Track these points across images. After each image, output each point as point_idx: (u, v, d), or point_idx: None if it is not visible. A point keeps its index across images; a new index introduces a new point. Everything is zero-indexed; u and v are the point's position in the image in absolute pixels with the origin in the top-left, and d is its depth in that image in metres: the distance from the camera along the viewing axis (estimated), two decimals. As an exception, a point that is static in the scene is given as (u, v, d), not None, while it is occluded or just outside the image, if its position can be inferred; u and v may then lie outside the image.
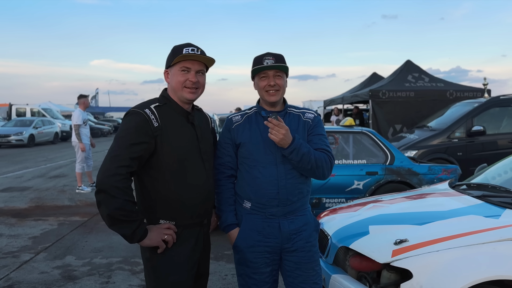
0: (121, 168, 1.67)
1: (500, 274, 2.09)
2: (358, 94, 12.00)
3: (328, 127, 6.16)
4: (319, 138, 2.09)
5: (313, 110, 2.19)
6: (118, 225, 1.68)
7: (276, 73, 2.05)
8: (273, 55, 2.07)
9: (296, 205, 2.05)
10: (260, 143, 2.06)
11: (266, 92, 2.06)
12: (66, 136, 21.06)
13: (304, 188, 2.08)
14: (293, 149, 1.94)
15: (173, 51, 1.90)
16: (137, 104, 1.88)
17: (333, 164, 2.07)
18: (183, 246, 1.85)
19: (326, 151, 2.05)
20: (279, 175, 2.03)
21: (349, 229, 2.66)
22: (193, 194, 1.86)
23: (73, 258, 4.36)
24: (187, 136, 1.87)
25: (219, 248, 4.69)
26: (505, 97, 7.59)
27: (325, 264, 2.63)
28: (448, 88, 10.81)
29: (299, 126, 2.10)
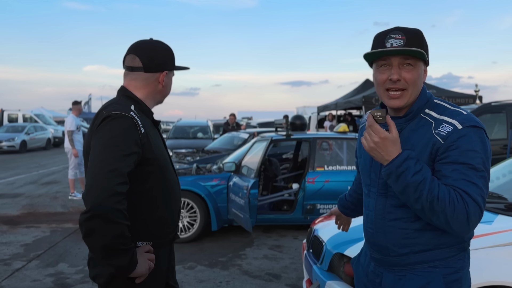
0: (121, 186, 1.34)
1: (494, 280, 2.11)
2: (351, 100, 12.08)
3: (321, 134, 6.19)
4: (454, 169, 1.28)
5: (467, 118, 1.33)
6: (116, 256, 1.35)
7: (404, 60, 1.33)
8: (403, 31, 1.35)
9: (409, 259, 1.41)
10: (368, 159, 1.50)
11: (386, 91, 1.37)
12: (59, 142, 20.91)
13: (422, 239, 1.39)
14: (390, 171, 1.29)
15: (173, 55, 1.69)
16: (110, 105, 1.55)
17: (471, 213, 1.25)
18: (159, 269, 1.58)
19: (463, 191, 1.26)
20: (377, 210, 1.46)
21: (343, 235, 2.66)
22: (175, 205, 1.65)
23: (66, 266, 4.32)
24: (160, 141, 1.63)
25: (213, 255, 4.67)
26: (496, 104, 7.67)
27: (320, 270, 2.63)
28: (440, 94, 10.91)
29: (420, 142, 1.35)
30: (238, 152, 6.31)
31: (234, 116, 11.86)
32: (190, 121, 15.23)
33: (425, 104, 1.41)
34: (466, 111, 1.36)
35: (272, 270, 4.21)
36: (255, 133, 8.70)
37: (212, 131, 13.00)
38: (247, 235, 5.41)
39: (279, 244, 5.05)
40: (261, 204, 5.49)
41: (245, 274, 4.10)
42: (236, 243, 5.12)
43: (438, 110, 1.39)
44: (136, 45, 1.64)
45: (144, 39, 1.67)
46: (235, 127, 11.47)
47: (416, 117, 1.40)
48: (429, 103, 1.41)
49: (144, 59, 1.61)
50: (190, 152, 8.62)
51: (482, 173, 1.29)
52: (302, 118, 6.86)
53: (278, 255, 4.67)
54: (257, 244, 5.09)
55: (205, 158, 7.61)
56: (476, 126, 1.31)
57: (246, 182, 4.88)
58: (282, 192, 5.71)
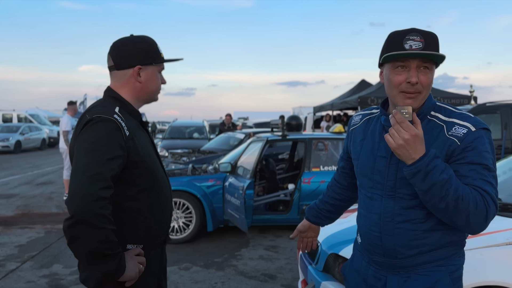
0: (104, 191, 1.32)
1: (488, 280, 2.12)
2: (347, 101, 12.10)
3: (317, 134, 6.20)
4: (471, 169, 1.31)
5: (476, 120, 1.38)
6: (102, 261, 1.34)
7: (422, 63, 1.34)
8: (421, 34, 1.34)
9: (416, 260, 1.41)
10: (369, 161, 1.48)
11: (402, 93, 1.36)
12: (54, 142, 20.82)
13: (431, 239, 1.39)
14: (418, 169, 1.26)
15: (150, 46, 1.59)
16: (94, 107, 1.53)
17: (490, 212, 1.28)
18: (150, 272, 1.57)
19: (483, 190, 1.28)
20: (384, 213, 1.43)
21: (338, 235, 2.67)
22: (166, 208, 1.62)
23: (61, 267, 4.30)
24: (147, 143, 1.60)
25: (208, 256, 4.67)
26: (491, 104, 7.71)
27: (315, 271, 2.64)
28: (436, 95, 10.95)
29: (434, 143, 1.36)
30: (234, 153, 6.31)
31: (230, 116, 11.86)
32: (186, 121, 15.20)
33: (432, 106, 1.43)
34: (471, 114, 1.41)
35: (267, 270, 4.21)
36: (251, 134, 8.70)
37: (208, 131, 12.98)
38: (242, 236, 5.41)
39: (275, 245, 5.05)
40: (256, 204, 5.49)
41: (240, 275, 4.09)
42: (231, 243, 5.12)
43: (444, 112, 1.41)
44: (112, 44, 1.62)
45: (124, 36, 1.63)
46: (231, 128, 11.47)
47: (425, 119, 1.41)
48: (434, 105, 1.44)
49: (114, 57, 1.58)
50: (186, 153, 8.61)
51: (494, 173, 1.34)
52: (298, 118, 6.85)
53: (273, 255, 4.67)
54: (252, 244, 5.09)
55: (201, 158, 7.60)
56: (486, 128, 1.37)
57: (242, 182, 4.88)
58: (278, 192, 5.71)
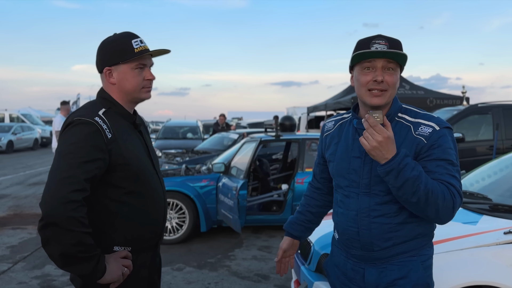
0: (75, 193, 1.33)
1: (478, 279, 2.14)
2: (340, 101, 12.14)
3: (310, 134, 6.21)
4: (438, 165, 1.43)
5: (439, 120, 1.50)
6: (75, 264, 1.34)
7: (387, 64, 1.45)
8: (386, 39, 1.47)
9: (391, 252, 1.52)
10: (344, 162, 1.57)
11: (369, 91, 1.47)
12: (46, 142, 20.67)
13: (403, 231, 1.51)
14: (391, 168, 1.36)
15: (119, 44, 1.55)
16: (78, 110, 1.54)
17: (457, 203, 1.41)
18: (138, 275, 1.55)
19: (449, 183, 1.41)
20: (360, 209, 1.53)
21: (330, 236, 2.68)
22: (156, 210, 1.61)
23: (53, 268, 4.27)
24: (138, 145, 1.58)
25: (202, 256, 4.66)
26: (483, 105, 7.78)
27: (307, 271, 2.65)
28: (428, 95, 11.03)
29: (403, 143, 1.47)
30: (227, 153, 6.31)
31: (224, 116, 11.86)
32: (179, 121, 15.17)
33: (398, 109, 1.55)
34: (435, 114, 1.55)
35: (261, 270, 4.22)
36: (244, 134, 8.70)
37: (202, 131, 12.96)
38: (236, 236, 5.41)
39: (268, 245, 5.06)
40: (250, 205, 5.49)
41: (234, 275, 4.10)
42: (225, 244, 5.12)
43: (410, 114, 1.54)
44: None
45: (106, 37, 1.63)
46: (225, 128, 11.46)
47: (393, 121, 1.52)
48: (400, 108, 1.56)
49: (96, 60, 1.61)
50: (180, 153, 8.59)
51: (457, 167, 1.47)
52: (292, 119, 6.87)
53: (267, 255, 4.68)
54: (246, 245, 5.09)
55: (195, 158, 7.59)
56: (449, 127, 1.49)
57: (235, 183, 4.88)
58: (271, 192, 5.72)
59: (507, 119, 7.32)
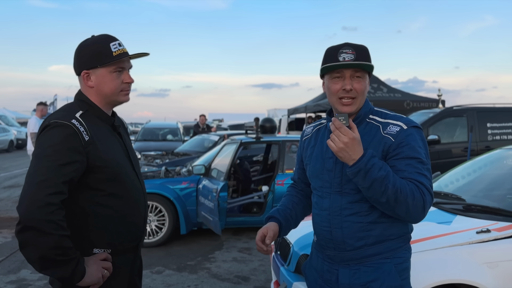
0: (52, 196, 1.32)
1: (451, 278, 2.21)
2: (320, 104, 12.26)
3: (290, 136, 6.26)
4: (407, 164, 1.44)
5: (408, 120, 1.54)
6: (54, 267, 1.34)
7: (355, 73, 1.50)
8: (353, 47, 1.51)
9: (364, 252, 1.52)
10: (318, 163, 1.61)
11: (339, 99, 1.52)
12: (22, 144, 20.16)
13: (376, 231, 1.51)
14: (359, 169, 1.39)
15: (97, 47, 1.54)
16: (55, 112, 1.53)
17: (427, 202, 1.42)
18: (119, 277, 1.55)
19: (419, 182, 1.42)
20: (332, 208, 1.56)
21: (310, 236, 2.70)
22: (136, 213, 1.60)
23: (29, 272, 4.18)
24: (116, 147, 1.58)
25: (181, 258, 4.64)
26: (458, 108, 7.98)
27: (287, 272, 2.66)
28: (405, 98, 11.25)
29: (371, 142, 1.51)
30: (208, 155, 6.29)
31: (204, 116, 11.78)
32: (159, 123, 15.04)
33: (369, 111, 1.60)
34: (403, 115, 1.60)
35: (241, 272, 4.22)
36: (225, 136, 8.69)
37: (182, 133, 12.88)
38: (216, 238, 5.40)
39: (249, 247, 5.07)
40: (230, 206, 5.49)
41: (213, 277, 4.09)
42: (205, 246, 5.10)
43: (380, 115, 1.59)
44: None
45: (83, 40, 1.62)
46: (206, 129, 11.42)
47: (363, 122, 1.58)
48: (371, 110, 1.61)
49: (73, 63, 1.60)
50: (159, 155, 8.51)
51: (428, 165, 1.48)
52: (272, 121, 6.90)
53: (247, 257, 4.68)
54: (226, 247, 5.08)
55: (175, 160, 7.54)
56: (417, 126, 1.52)
57: (216, 184, 4.87)
58: (252, 194, 5.73)
59: (481, 122, 7.53)
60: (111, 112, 1.65)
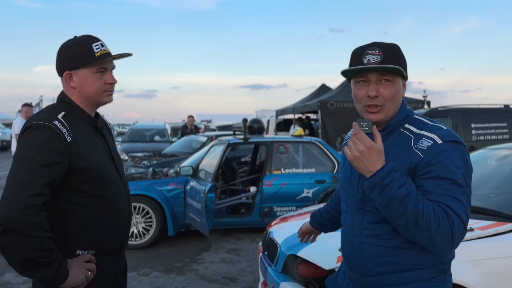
0: (34, 198, 1.31)
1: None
2: (308, 105, 12.31)
3: (278, 137, 6.27)
4: (437, 184, 1.24)
5: (446, 133, 1.31)
6: (36, 269, 1.32)
7: (381, 76, 1.33)
8: (380, 47, 1.33)
9: (386, 280, 1.34)
10: (347, 174, 1.46)
11: (365, 107, 1.35)
12: (7, 146, 19.84)
13: (400, 257, 1.32)
14: (374, 183, 1.22)
15: (79, 48, 1.53)
16: (37, 114, 1.51)
17: (456, 231, 1.20)
18: (103, 279, 1.54)
19: (448, 207, 1.21)
20: (353, 226, 1.40)
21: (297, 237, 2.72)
22: (120, 214, 1.59)
23: (13, 276, 4.12)
24: (99, 148, 1.57)
25: (169, 260, 4.61)
26: (443, 108, 8.09)
27: (274, 272, 2.67)
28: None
29: (399, 156, 1.32)
30: (195, 156, 6.27)
31: (192, 117, 11.71)
32: (146, 124, 14.95)
33: (405, 119, 1.39)
34: (446, 126, 1.35)
35: (229, 273, 4.22)
36: (213, 137, 8.68)
37: (170, 134, 12.81)
38: (204, 240, 5.39)
39: (237, 248, 5.06)
40: (218, 208, 5.48)
41: (201, 279, 4.08)
42: (193, 247, 5.08)
43: (417, 125, 1.37)
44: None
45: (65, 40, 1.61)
46: (194, 130, 11.37)
47: (395, 131, 1.39)
48: (409, 118, 1.40)
49: (56, 64, 1.60)
50: (147, 156, 8.47)
51: (464, 188, 1.25)
52: (260, 122, 6.91)
53: (235, 258, 4.68)
54: (214, 248, 5.07)
55: (162, 162, 7.50)
56: (455, 141, 1.29)
57: (203, 186, 4.86)
58: (239, 195, 5.73)
59: (466, 122, 7.65)
60: (94, 113, 1.64)
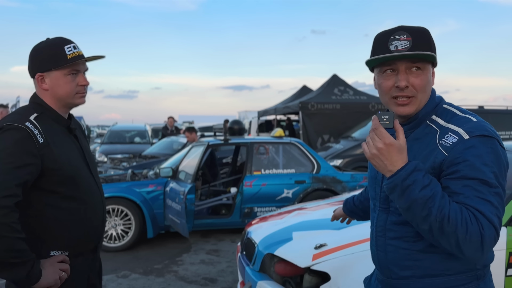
0: (6, 199, 1.32)
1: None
2: (289, 106, 12.39)
3: (258, 138, 6.31)
4: (464, 185, 1.11)
5: (475, 126, 1.16)
6: (8, 270, 1.33)
7: (412, 64, 1.20)
8: (409, 31, 1.20)
9: (412, 284, 1.25)
10: (374, 171, 1.37)
11: (393, 99, 1.23)
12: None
13: (426, 262, 1.23)
14: (395, 184, 1.12)
15: (51, 50, 1.54)
16: (9, 115, 1.53)
17: (486, 237, 1.08)
18: (77, 279, 1.56)
19: (477, 210, 1.09)
20: (377, 227, 1.33)
21: (274, 236, 2.76)
22: (93, 214, 1.61)
23: None
24: (72, 149, 1.58)
25: (148, 262, 4.59)
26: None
27: (251, 271, 2.70)
28: (371, 101, 11.53)
29: (422, 153, 1.21)
30: (175, 157, 6.25)
31: (172, 118, 11.65)
32: (126, 125, 14.80)
33: (433, 110, 1.27)
34: (477, 118, 1.21)
35: (208, 274, 4.22)
36: (194, 138, 8.66)
37: (150, 135, 12.72)
38: (184, 241, 5.37)
39: (217, 249, 5.07)
40: (199, 209, 5.48)
41: (181, 280, 4.07)
42: (173, 249, 5.07)
43: (445, 116, 1.24)
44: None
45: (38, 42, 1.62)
46: (174, 132, 11.32)
47: (422, 125, 1.26)
48: (437, 108, 1.27)
49: (28, 65, 1.61)
50: (126, 158, 8.40)
51: (497, 189, 1.12)
52: (240, 123, 6.95)
53: (215, 259, 4.69)
54: (194, 249, 5.07)
55: (142, 163, 7.45)
56: (485, 135, 1.15)
57: (183, 187, 4.86)
58: (220, 196, 5.74)
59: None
60: (67, 115, 1.65)
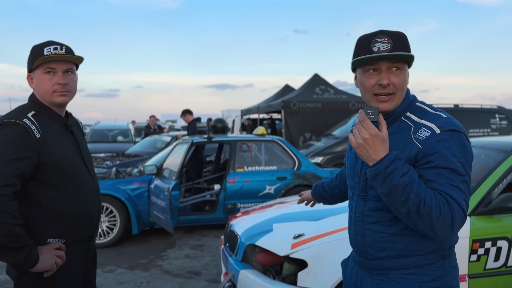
0: (5, 188, 1.46)
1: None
2: (272, 105, 12.56)
3: (241, 136, 6.46)
4: (437, 173, 1.25)
5: (445, 121, 1.31)
6: (7, 254, 1.48)
7: (392, 64, 1.33)
8: (389, 35, 1.33)
9: (386, 264, 1.39)
10: (352, 162, 1.49)
11: (375, 96, 1.35)
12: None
13: (399, 243, 1.36)
14: (378, 171, 1.23)
15: (32, 52, 1.68)
16: (9, 112, 1.65)
17: (456, 219, 1.22)
18: (72, 266, 1.67)
19: (449, 195, 1.22)
20: (356, 213, 1.46)
21: (256, 228, 2.91)
22: (88, 205, 1.73)
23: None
24: (68, 145, 1.71)
25: (133, 257, 4.69)
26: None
27: (234, 261, 2.84)
28: (351, 100, 11.80)
29: (398, 146, 1.34)
30: (159, 155, 6.34)
31: (154, 117, 11.68)
32: (109, 124, 14.74)
33: (407, 107, 1.40)
34: (446, 114, 1.35)
35: (193, 268, 4.35)
36: (178, 136, 8.74)
37: (133, 134, 12.72)
38: (169, 237, 5.48)
39: (201, 244, 5.20)
40: (183, 205, 5.59)
41: (166, 274, 4.19)
42: (157, 245, 5.17)
43: (418, 113, 1.38)
44: None
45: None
46: (157, 130, 11.36)
47: (397, 120, 1.39)
48: (411, 106, 1.40)
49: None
50: (109, 156, 8.41)
51: (464, 177, 1.26)
52: (223, 121, 7.07)
53: (199, 253, 4.81)
54: (179, 245, 5.18)
55: (126, 162, 7.50)
56: (454, 130, 1.29)
57: (167, 184, 4.96)
58: (204, 193, 5.86)
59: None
60: (64, 113, 1.77)
